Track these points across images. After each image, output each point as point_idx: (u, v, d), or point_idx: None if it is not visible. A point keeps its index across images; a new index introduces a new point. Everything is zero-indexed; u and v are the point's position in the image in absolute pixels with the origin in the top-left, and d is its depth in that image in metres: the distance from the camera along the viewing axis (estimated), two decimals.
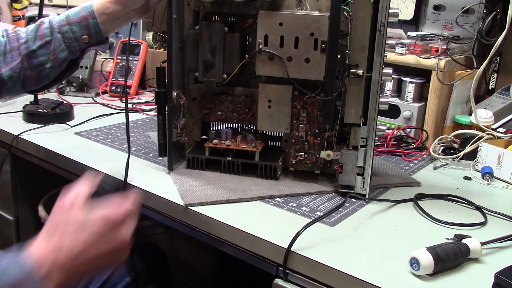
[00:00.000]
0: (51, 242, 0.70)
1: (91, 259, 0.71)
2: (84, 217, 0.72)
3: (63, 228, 0.71)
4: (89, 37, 1.01)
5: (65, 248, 0.69)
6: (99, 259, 0.73)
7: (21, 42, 1.01)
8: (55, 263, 0.68)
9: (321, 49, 0.96)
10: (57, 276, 0.68)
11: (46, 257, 0.68)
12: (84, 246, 0.71)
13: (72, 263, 0.70)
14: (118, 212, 0.74)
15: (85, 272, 0.73)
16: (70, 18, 1.01)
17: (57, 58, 1.01)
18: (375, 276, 0.74)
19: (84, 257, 0.71)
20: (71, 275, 0.70)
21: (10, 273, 0.64)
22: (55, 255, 0.69)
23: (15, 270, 0.65)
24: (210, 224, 0.91)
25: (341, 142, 1.03)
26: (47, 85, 1.07)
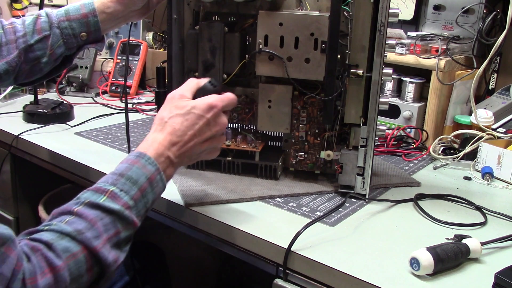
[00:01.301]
0: (164, 130, 0.79)
1: (197, 142, 0.81)
2: (193, 103, 0.81)
3: (174, 111, 0.80)
4: (88, 35, 1.01)
5: (177, 131, 0.79)
6: (203, 142, 0.82)
7: (18, 35, 0.99)
8: (172, 150, 0.78)
9: (321, 49, 0.96)
10: (174, 161, 0.79)
11: (164, 150, 0.77)
12: (193, 128, 0.80)
13: (184, 146, 0.79)
14: (222, 99, 0.83)
15: (192, 155, 0.82)
16: (70, 14, 1.00)
17: (54, 53, 1.00)
18: (375, 276, 0.74)
19: (192, 139, 0.80)
20: (182, 157, 0.80)
21: (141, 181, 0.73)
22: (170, 142, 0.78)
23: (144, 176, 0.73)
24: (210, 224, 0.91)
25: (341, 142, 1.03)
26: (39, 79, 1.05)
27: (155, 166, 0.75)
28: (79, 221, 0.66)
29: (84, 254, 0.65)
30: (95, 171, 1.10)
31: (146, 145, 0.78)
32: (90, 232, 0.66)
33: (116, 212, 0.69)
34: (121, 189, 0.71)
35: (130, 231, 0.71)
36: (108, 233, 0.67)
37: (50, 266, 0.62)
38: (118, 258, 0.69)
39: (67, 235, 0.64)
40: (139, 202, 0.72)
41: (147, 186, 0.74)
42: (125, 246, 0.71)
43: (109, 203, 0.69)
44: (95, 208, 0.68)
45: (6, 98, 1.56)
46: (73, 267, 0.64)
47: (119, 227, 0.69)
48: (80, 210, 0.67)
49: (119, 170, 0.73)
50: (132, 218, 0.71)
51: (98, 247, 0.66)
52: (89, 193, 0.70)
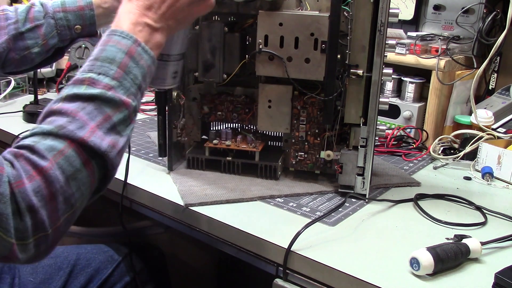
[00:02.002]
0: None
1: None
2: None
3: None
4: (82, 28, 1.00)
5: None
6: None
7: (9, 22, 0.97)
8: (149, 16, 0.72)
9: (321, 49, 0.96)
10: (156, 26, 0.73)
11: (138, 17, 0.72)
12: None
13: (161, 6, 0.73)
14: None
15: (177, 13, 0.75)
16: (66, 5, 0.99)
17: (47, 43, 0.98)
18: (375, 276, 0.74)
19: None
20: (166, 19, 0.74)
21: (119, 57, 0.68)
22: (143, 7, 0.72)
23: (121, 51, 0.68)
24: (210, 224, 0.91)
25: (341, 142, 1.03)
26: (27, 69, 1.04)
27: (132, 38, 0.70)
28: (60, 117, 0.62)
29: (72, 148, 0.61)
30: None
31: (118, 20, 0.72)
32: (73, 124, 0.61)
33: (97, 96, 0.64)
34: (98, 73, 0.66)
35: (124, 112, 0.66)
36: (96, 120, 0.63)
37: (36, 169, 0.58)
38: (117, 143, 0.65)
39: (49, 134, 0.61)
40: (124, 80, 0.67)
41: (128, 61, 0.68)
42: (125, 129, 0.67)
43: (88, 90, 0.64)
44: (75, 99, 0.64)
45: (6, 98, 1.56)
46: (64, 164, 0.60)
47: (107, 111, 0.64)
48: (59, 106, 0.63)
49: (93, 55, 0.68)
50: (119, 97, 0.66)
51: (85, 136, 0.61)
52: (69, 88, 0.65)
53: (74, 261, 1.05)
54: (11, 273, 0.99)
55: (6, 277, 0.98)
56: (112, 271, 1.07)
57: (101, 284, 1.05)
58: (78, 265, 1.05)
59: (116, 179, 1.04)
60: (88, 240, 1.31)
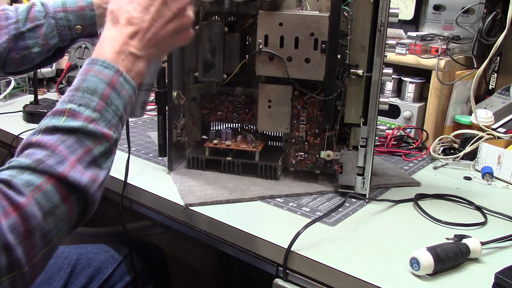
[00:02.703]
0: (118, 24, 0.70)
1: (159, 25, 0.72)
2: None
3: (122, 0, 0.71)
4: (83, 28, 1.00)
5: (132, 20, 0.70)
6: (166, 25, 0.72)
7: (10, 21, 0.97)
8: (132, 44, 0.70)
9: (321, 49, 0.96)
10: (140, 54, 0.70)
11: (122, 45, 0.69)
12: (148, 12, 0.71)
13: (146, 35, 0.71)
14: None
15: (159, 42, 0.73)
16: (66, 5, 0.99)
17: (47, 43, 0.98)
18: (375, 276, 0.74)
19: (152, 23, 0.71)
20: (149, 48, 0.71)
21: (101, 88, 0.65)
22: (128, 35, 0.70)
23: (103, 82, 0.66)
24: (210, 224, 0.91)
25: (341, 142, 1.03)
26: (28, 69, 1.03)
27: (113, 68, 0.67)
28: (39, 151, 0.60)
29: (51, 183, 0.58)
30: None
31: (101, 47, 0.69)
32: (52, 158, 0.59)
33: (77, 129, 0.62)
34: (79, 104, 0.63)
35: (105, 145, 0.64)
36: (76, 154, 0.61)
37: (12, 205, 0.56)
38: (97, 176, 0.63)
39: (27, 169, 0.59)
40: (106, 112, 0.65)
41: (110, 92, 0.66)
42: (106, 161, 0.65)
43: (68, 123, 0.62)
44: (54, 132, 0.61)
45: (6, 98, 1.56)
46: (42, 200, 0.57)
47: (87, 144, 0.62)
48: (39, 138, 0.61)
49: (74, 84, 0.66)
50: (100, 130, 0.63)
51: (65, 172, 0.59)
52: (48, 119, 0.63)
53: (74, 261, 1.05)
54: None
55: None
56: (112, 271, 1.07)
57: (101, 284, 1.05)
58: (79, 265, 1.05)
59: (116, 179, 1.04)
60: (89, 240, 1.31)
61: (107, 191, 1.10)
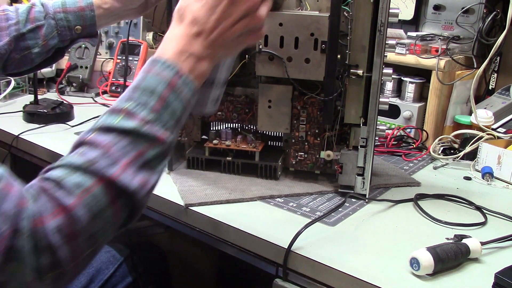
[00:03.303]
0: (183, 22, 0.69)
1: (226, 26, 0.69)
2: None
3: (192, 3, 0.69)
4: (82, 29, 1.00)
5: (197, 19, 0.68)
6: (233, 26, 0.70)
7: (10, 22, 0.96)
8: (196, 44, 0.68)
9: (321, 49, 0.96)
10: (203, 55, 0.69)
11: (185, 46, 0.68)
12: (215, 12, 0.68)
13: (210, 35, 0.69)
14: None
15: (226, 43, 0.71)
16: (66, 5, 0.99)
17: (47, 44, 0.98)
18: (375, 276, 0.74)
19: (218, 24, 0.69)
20: (214, 49, 0.70)
21: (160, 88, 0.64)
22: (192, 35, 0.68)
23: (162, 83, 0.65)
24: (210, 224, 0.91)
25: (341, 142, 1.03)
26: (28, 70, 1.03)
27: (174, 70, 0.66)
28: (92, 151, 0.59)
29: (100, 186, 0.58)
30: None
31: (163, 47, 0.68)
32: (104, 160, 0.59)
33: (132, 131, 0.61)
34: (137, 104, 0.62)
35: (158, 148, 0.62)
36: (128, 156, 0.60)
37: (60, 206, 0.56)
38: (148, 181, 0.62)
39: (78, 169, 0.58)
40: (162, 113, 0.63)
41: (168, 93, 0.64)
42: (158, 165, 0.63)
43: (123, 123, 0.61)
44: (109, 132, 0.61)
45: (6, 98, 1.56)
46: (90, 202, 0.57)
47: (141, 147, 0.61)
48: (92, 137, 0.60)
49: (133, 83, 0.65)
50: (155, 133, 0.62)
51: (115, 175, 0.58)
52: (104, 117, 0.63)
53: None
54: None
55: None
56: (114, 271, 1.07)
57: (102, 285, 1.05)
58: None
59: None
60: None
61: None
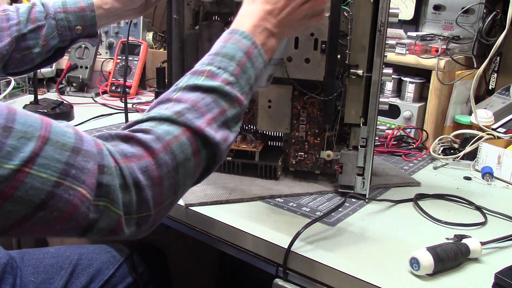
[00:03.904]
0: (256, 1, 0.74)
1: (295, 6, 0.75)
2: None
3: None
4: (83, 29, 1.00)
5: (271, 1, 0.74)
6: (301, 5, 0.76)
7: (11, 23, 0.96)
8: (268, 20, 0.74)
9: (321, 49, 0.96)
10: (274, 31, 0.74)
11: (259, 20, 0.73)
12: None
13: (280, 13, 0.74)
14: None
15: (293, 22, 0.76)
16: (67, 6, 0.99)
17: (47, 44, 0.98)
18: (375, 276, 0.74)
19: (288, 3, 0.75)
20: (282, 26, 0.75)
21: (239, 55, 0.69)
22: (265, 12, 0.73)
23: (241, 50, 0.70)
24: (210, 224, 0.91)
25: (341, 142, 1.03)
26: (28, 70, 1.03)
27: (251, 40, 0.71)
28: (179, 104, 0.63)
29: (187, 135, 0.61)
30: None
31: (239, 20, 0.74)
32: (191, 113, 0.62)
33: (216, 88, 0.65)
34: (218, 67, 0.67)
35: (237, 109, 0.67)
36: (213, 112, 0.64)
37: (147, 150, 0.58)
38: (228, 137, 0.66)
39: (167, 120, 0.61)
40: (240, 78, 0.68)
41: (246, 60, 0.69)
42: (235, 125, 0.67)
43: (207, 82, 0.65)
44: (194, 89, 0.65)
45: (6, 98, 1.56)
46: (177, 150, 0.60)
47: (223, 105, 0.65)
48: (179, 95, 0.64)
49: (213, 50, 0.70)
50: (235, 93, 0.66)
51: (202, 126, 0.62)
52: (187, 77, 0.67)
53: (76, 261, 1.05)
54: (13, 274, 0.99)
55: (8, 277, 0.98)
56: (114, 271, 1.07)
57: (102, 285, 1.05)
58: (80, 265, 1.05)
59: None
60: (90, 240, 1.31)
61: None
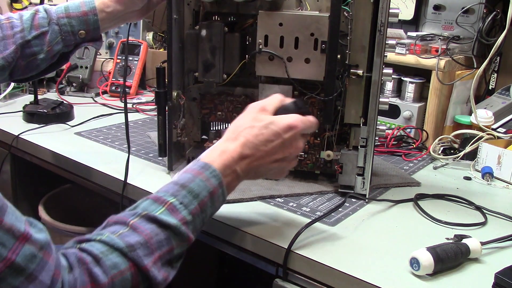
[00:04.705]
0: (237, 141, 0.76)
1: (268, 160, 0.78)
2: (273, 119, 0.78)
3: (251, 122, 0.78)
4: (86, 33, 1.00)
5: (250, 144, 0.76)
6: (273, 162, 0.78)
7: (16, 30, 0.97)
8: (240, 164, 0.75)
9: (321, 49, 0.96)
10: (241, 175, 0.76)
11: (232, 162, 0.74)
12: (266, 145, 0.76)
13: (254, 162, 0.76)
14: (303, 121, 0.79)
15: (259, 172, 0.79)
16: (70, 11, 0.99)
17: (51, 50, 0.99)
18: (375, 276, 0.74)
19: (264, 156, 0.77)
20: (249, 173, 0.77)
21: (203, 195, 0.70)
22: (240, 155, 0.75)
23: (206, 190, 0.71)
24: (210, 224, 0.91)
25: (341, 142, 1.03)
26: (34, 76, 1.04)
27: (219, 180, 0.72)
28: (133, 235, 0.64)
29: (131, 272, 0.62)
30: (95, 171, 1.10)
31: (214, 155, 0.75)
32: (142, 249, 0.63)
33: (172, 227, 0.66)
34: (180, 202, 0.68)
35: (184, 247, 0.68)
36: (161, 250, 0.65)
37: (94, 282, 0.59)
38: (168, 276, 0.66)
39: (118, 250, 0.62)
40: (197, 217, 0.69)
41: (208, 200, 0.71)
42: (177, 263, 0.68)
43: (166, 217, 0.66)
44: (152, 221, 0.65)
45: (6, 98, 1.56)
46: (118, 284, 0.61)
47: (173, 243, 0.66)
48: (136, 223, 0.65)
49: (181, 180, 0.70)
50: (188, 234, 0.68)
51: (148, 265, 0.63)
52: (148, 203, 0.68)
53: None
54: None
55: None
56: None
57: None
58: None
59: (116, 179, 1.04)
60: None
61: (107, 191, 1.10)
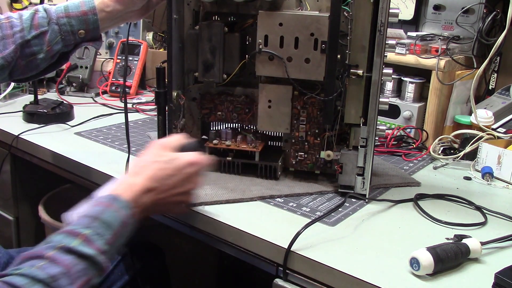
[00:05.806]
0: (143, 174, 0.79)
1: (171, 193, 0.81)
2: (176, 155, 0.82)
3: (155, 158, 0.82)
4: (86, 33, 1.00)
5: (155, 177, 0.79)
6: (175, 196, 0.82)
7: (15, 30, 0.97)
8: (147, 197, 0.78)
9: (321, 49, 0.96)
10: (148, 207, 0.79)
11: (140, 195, 0.77)
12: (170, 179, 0.81)
13: (159, 194, 0.80)
14: (203, 159, 0.84)
15: (163, 205, 0.82)
16: (69, 10, 0.99)
17: (51, 49, 0.99)
18: (375, 276, 0.74)
19: (168, 189, 0.81)
20: (154, 205, 0.80)
21: (116, 225, 0.72)
22: (147, 188, 0.78)
23: (119, 220, 0.73)
24: (210, 224, 0.91)
25: (341, 142, 1.03)
26: (34, 76, 1.04)
27: (130, 211, 0.75)
28: (53, 266, 0.63)
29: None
30: (95, 171, 1.10)
31: (122, 188, 0.77)
32: (65, 279, 0.63)
33: (90, 257, 0.67)
34: (95, 233, 0.69)
35: (100, 277, 0.69)
36: (81, 280, 0.65)
37: None
38: None
39: (40, 281, 0.61)
40: (113, 246, 0.71)
41: (121, 230, 0.72)
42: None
43: (82, 248, 0.67)
44: (69, 253, 0.66)
45: (6, 98, 1.56)
46: None
47: (91, 274, 0.67)
48: (53, 255, 0.64)
49: (92, 212, 0.71)
50: (105, 264, 0.69)
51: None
52: (61, 236, 0.68)
53: None
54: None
55: None
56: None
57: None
58: None
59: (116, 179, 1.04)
60: None
61: None
